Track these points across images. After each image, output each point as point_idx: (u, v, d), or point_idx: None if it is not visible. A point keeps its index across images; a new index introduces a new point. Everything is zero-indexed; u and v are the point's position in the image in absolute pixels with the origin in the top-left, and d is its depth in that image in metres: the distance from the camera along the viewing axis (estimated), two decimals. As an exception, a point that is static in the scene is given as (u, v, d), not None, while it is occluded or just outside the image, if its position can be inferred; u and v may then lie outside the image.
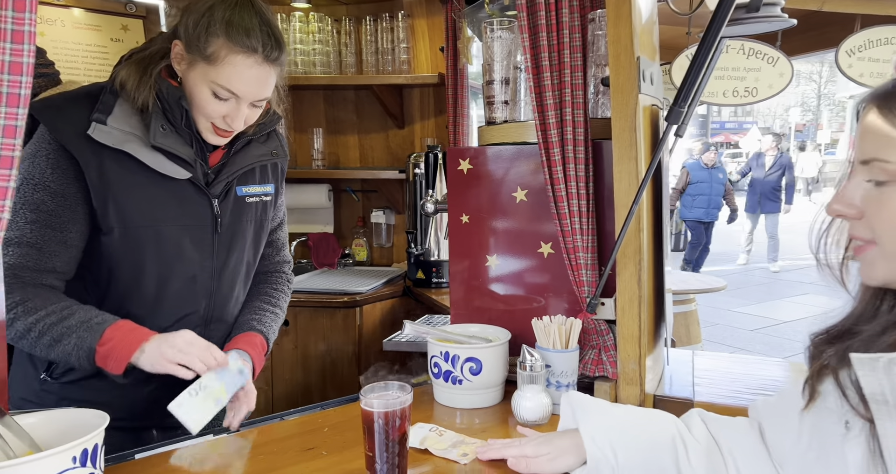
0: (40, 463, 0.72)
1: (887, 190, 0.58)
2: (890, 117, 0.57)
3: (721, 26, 1.02)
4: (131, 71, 1.08)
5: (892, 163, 0.57)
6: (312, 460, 0.99)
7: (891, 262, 0.59)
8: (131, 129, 1.07)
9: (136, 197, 1.08)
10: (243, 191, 1.23)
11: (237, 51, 1.03)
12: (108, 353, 1.01)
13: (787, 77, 1.65)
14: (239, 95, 1.07)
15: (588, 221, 1.19)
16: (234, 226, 1.22)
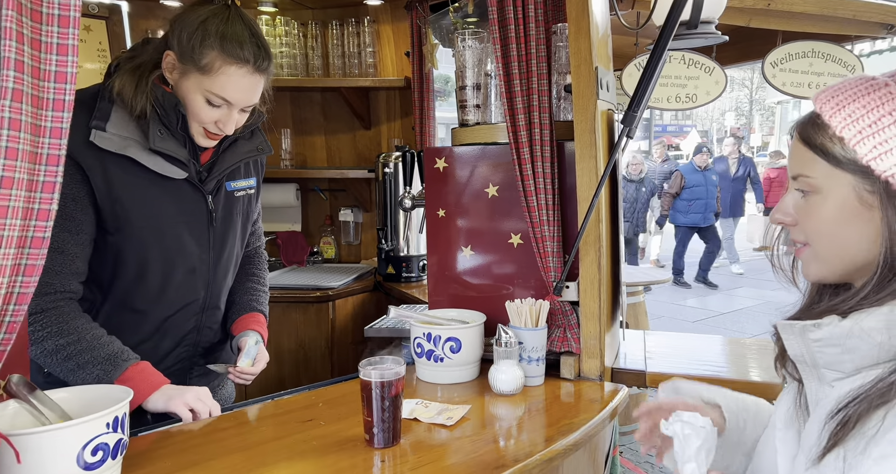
0: (81, 427, 0.80)
1: (812, 200, 0.68)
2: (807, 141, 0.68)
3: (668, 41, 1.18)
4: (126, 80, 1.14)
5: (813, 178, 0.67)
6: (312, 429, 1.09)
7: (822, 261, 0.69)
8: (129, 134, 1.14)
9: (139, 197, 1.15)
10: (232, 186, 1.31)
11: (231, 62, 1.11)
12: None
13: (721, 84, 1.86)
14: (231, 102, 1.15)
15: (554, 213, 1.33)
16: (226, 219, 1.30)
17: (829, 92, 0.67)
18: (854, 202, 0.65)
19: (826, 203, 0.66)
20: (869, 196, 0.64)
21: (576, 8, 1.25)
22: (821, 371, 0.69)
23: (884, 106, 0.62)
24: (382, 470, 0.95)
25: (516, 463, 0.96)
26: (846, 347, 0.64)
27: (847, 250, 0.66)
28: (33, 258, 0.75)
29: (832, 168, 0.65)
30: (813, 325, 0.66)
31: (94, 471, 0.82)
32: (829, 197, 0.66)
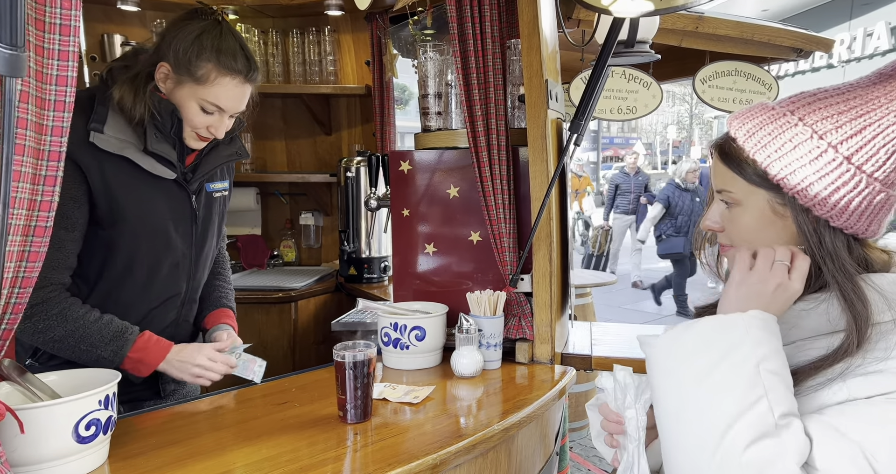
0: (77, 403, 0.86)
1: (734, 210, 0.78)
2: (726, 161, 0.78)
3: (608, 58, 1.33)
4: (125, 90, 1.21)
5: (735, 193, 0.77)
6: (287, 411, 1.16)
7: None
8: (126, 137, 1.21)
9: (134, 195, 1.23)
10: (211, 188, 1.40)
11: (225, 73, 1.21)
12: (141, 359, 1.20)
13: (658, 98, 2.04)
14: (224, 109, 1.24)
15: (510, 212, 1.46)
16: (207, 218, 1.38)
17: (741, 119, 0.77)
18: (769, 212, 0.76)
19: (746, 213, 0.77)
20: (780, 207, 0.75)
21: (527, 26, 1.39)
22: None
23: (785, 134, 0.72)
24: (355, 441, 1.04)
25: (477, 432, 1.07)
26: (788, 324, 0.75)
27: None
28: (36, 245, 0.81)
29: (749, 185, 0.76)
30: None
31: (88, 444, 0.88)
32: (748, 208, 0.77)
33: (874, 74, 0.74)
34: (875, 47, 10.76)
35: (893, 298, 0.71)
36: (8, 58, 0.66)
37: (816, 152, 0.70)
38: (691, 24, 1.79)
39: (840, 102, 0.72)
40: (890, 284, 0.73)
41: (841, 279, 0.72)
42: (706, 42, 1.89)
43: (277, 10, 2.73)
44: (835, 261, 0.72)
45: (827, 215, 0.72)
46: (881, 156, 0.69)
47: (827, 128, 0.71)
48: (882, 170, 0.70)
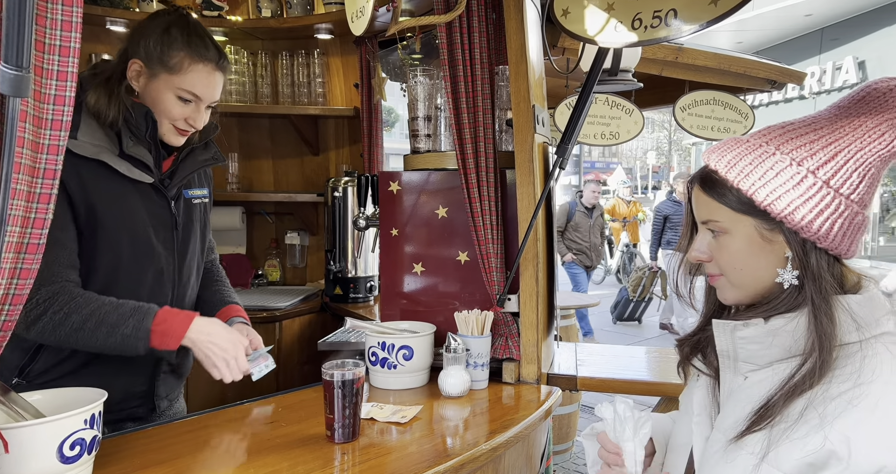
0: (62, 422, 0.85)
1: (722, 239, 0.81)
2: (709, 193, 0.81)
3: (593, 85, 1.38)
4: (99, 94, 1.22)
5: (722, 222, 0.80)
6: (276, 429, 1.16)
7: (738, 288, 0.83)
8: (99, 142, 1.21)
9: (112, 200, 1.22)
10: (189, 194, 1.40)
11: (198, 60, 1.24)
12: (166, 331, 1.17)
13: (640, 125, 2.11)
14: (200, 97, 1.26)
15: (497, 233, 1.49)
16: (187, 224, 1.38)
17: (718, 152, 0.81)
18: (757, 238, 0.79)
19: (735, 241, 0.80)
20: (768, 233, 0.78)
21: (515, 53, 1.44)
22: (738, 363, 0.84)
23: (765, 163, 0.77)
24: (343, 462, 1.04)
25: (464, 452, 1.08)
26: (763, 344, 0.79)
27: (757, 275, 0.81)
28: (28, 262, 0.81)
29: (735, 213, 0.80)
30: (742, 325, 0.81)
31: (72, 464, 0.87)
32: (736, 236, 0.80)
33: (833, 107, 0.80)
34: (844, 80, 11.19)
35: (861, 319, 0.75)
36: (13, 78, 0.67)
37: (798, 178, 0.75)
38: (671, 55, 1.86)
39: (810, 132, 0.77)
40: (858, 305, 0.76)
41: (818, 300, 0.75)
42: (685, 72, 1.96)
43: (267, 32, 2.77)
44: (817, 281, 0.76)
45: (814, 237, 0.76)
46: (855, 179, 0.75)
47: (803, 155, 0.76)
48: (857, 193, 0.75)
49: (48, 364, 1.22)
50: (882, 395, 0.72)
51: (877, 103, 0.75)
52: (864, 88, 0.77)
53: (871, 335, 0.76)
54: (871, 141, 0.74)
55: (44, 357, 1.21)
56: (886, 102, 0.74)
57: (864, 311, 0.76)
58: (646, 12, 1.05)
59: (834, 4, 10.39)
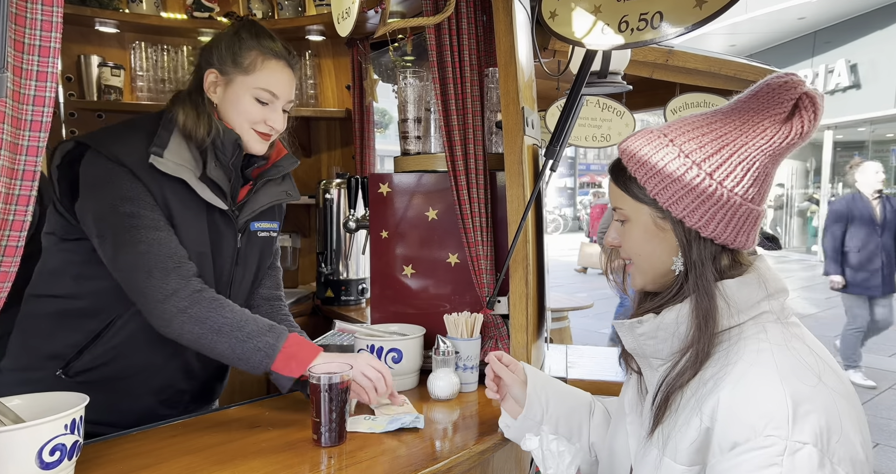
0: (42, 427, 0.84)
1: (627, 226, 0.86)
2: (616, 182, 0.87)
3: (581, 87, 1.38)
4: (187, 111, 1.23)
5: (624, 210, 0.86)
6: (260, 434, 1.15)
7: (641, 273, 0.87)
8: (183, 162, 1.21)
9: (187, 221, 1.21)
10: (256, 226, 1.37)
11: (270, 57, 1.24)
12: (294, 355, 1.16)
13: (631, 127, 2.11)
14: (277, 95, 1.26)
15: (487, 235, 1.48)
16: (247, 257, 1.36)
17: (628, 142, 0.85)
18: (652, 226, 0.83)
19: (635, 228, 0.85)
20: (661, 221, 0.83)
21: (504, 55, 1.43)
22: (649, 359, 0.87)
23: (658, 153, 0.80)
24: (329, 465, 1.03)
25: (452, 455, 1.07)
26: (658, 338, 0.82)
27: (654, 262, 0.85)
28: (6, 265, 0.80)
29: (634, 202, 0.84)
30: (637, 322, 0.84)
31: (52, 470, 0.85)
32: (635, 223, 0.85)
33: (733, 101, 0.81)
34: (836, 83, 11.26)
35: (737, 303, 0.78)
36: (-12, 77, 0.66)
37: (683, 169, 0.78)
38: (662, 58, 1.86)
39: (704, 125, 0.80)
40: (732, 289, 0.79)
41: (699, 288, 0.78)
42: (676, 74, 1.97)
43: (259, 34, 2.76)
44: (697, 269, 0.79)
45: (696, 226, 0.79)
46: (738, 173, 0.77)
47: (692, 148, 0.79)
48: (741, 186, 0.78)
49: (91, 363, 1.21)
50: (742, 373, 0.74)
51: (767, 98, 0.75)
52: (761, 84, 0.77)
53: (749, 317, 0.79)
54: (755, 135, 0.76)
55: (87, 356, 1.21)
56: (775, 98, 0.75)
57: (741, 295, 0.79)
58: (632, 15, 1.05)
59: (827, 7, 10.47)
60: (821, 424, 0.70)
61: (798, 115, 0.75)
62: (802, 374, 0.73)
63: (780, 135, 0.75)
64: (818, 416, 0.70)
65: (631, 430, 0.91)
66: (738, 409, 0.72)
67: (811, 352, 0.77)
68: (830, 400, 0.72)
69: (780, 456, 0.68)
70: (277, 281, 1.51)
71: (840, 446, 0.69)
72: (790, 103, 0.75)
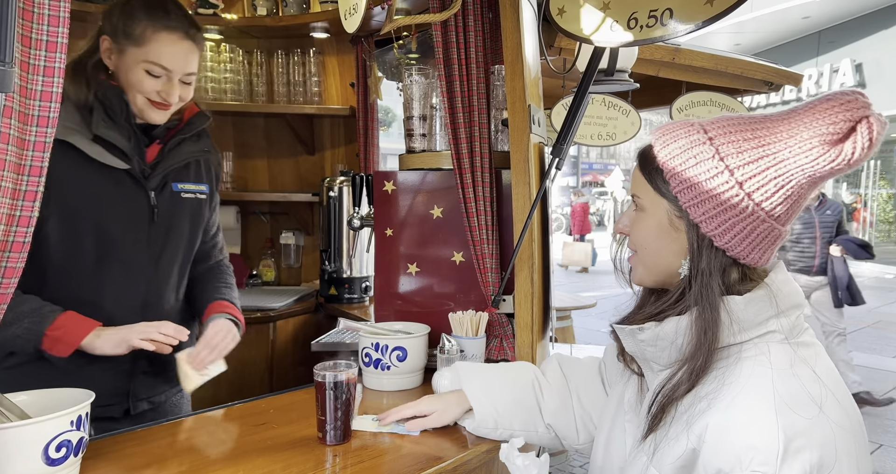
0: (48, 423, 0.83)
1: (640, 216, 0.83)
2: (641, 167, 0.83)
3: (588, 85, 1.37)
4: (68, 75, 1.16)
5: (642, 199, 0.82)
6: (265, 432, 1.14)
7: (644, 267, 0.84)
8: (71, 124, 1.18)
9: (77, 185, 1.18)
10: (178, 187, 1.35)
11: (160, 29, 1.21)
12: (59, 338, 1.13)
13: (637, 125, 2.10)
14: (169, 69, 1.23)
15: (492, 233, 1.48)
16: (170, 218, 1.33)
17: (662, 129, 0.80)
18: (666, 223, 0.80)
19: (647, 220, 0.82)
20: (677, 220, 0.79)
21: (511, 53, 1.43)
22: (650, 363, 0.85)
23: (692, 149, 0.75)
24: (334, 463, 1.02)
25: (456, 454, 1.06)
26: (658, 347, 0.80)
27: (659, 260, 0.82)
28: (13, 261, 0.80)
29: (655, 194, 0.80)
30: (638, 329, 0.82)
31: (58, 467, 0.85)
32: (650, 215, 0.82)
33: (788, 110, 0.74)
34: (841, 83, 11.22)
35: (742, 322, 0.74)
36: (-4, 72, 0.65)
37: (714, 172, 0.74)
38: (668, 56, 1.85)
39: (749, 130, 0.74)
40: (739, 305, 0.75)
41: (702, 300, 0.75)
42: (682, 73, 1.96)
43: (263, 30, 2.76)
44: (703, 278, 0.75)
45: (712, 234, 0.75)
46: (771, 187, 0.72)
47: (730, 151, 0.73)
48: (769, 202, 0.73)
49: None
50: (735, 396, 0.71)
51: (823, 114, 0.67)
52: (822, 97, 0.69)
53: (753, 336, 0.75)
54: (799, 152, 0.69)
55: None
56: (832, 116, 0.67)
57: (747, 313, 0.74)
58: (641, 12, 1.04)
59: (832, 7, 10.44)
60: (812, 461, 0.66)
61: (852, 140, 0.66)
62: (801, 405, 0.69)
63: (826, 158, 0.68)
64: (811, 453, 0.67)
65: (629, 428, 0.89)
66: (727, 436, 0.69)
67: (816, 378, 0.72)
68: (829, 434, 0.68)
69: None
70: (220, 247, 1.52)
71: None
72: (847, 125, 0.66)
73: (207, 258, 1.50)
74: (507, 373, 1.15)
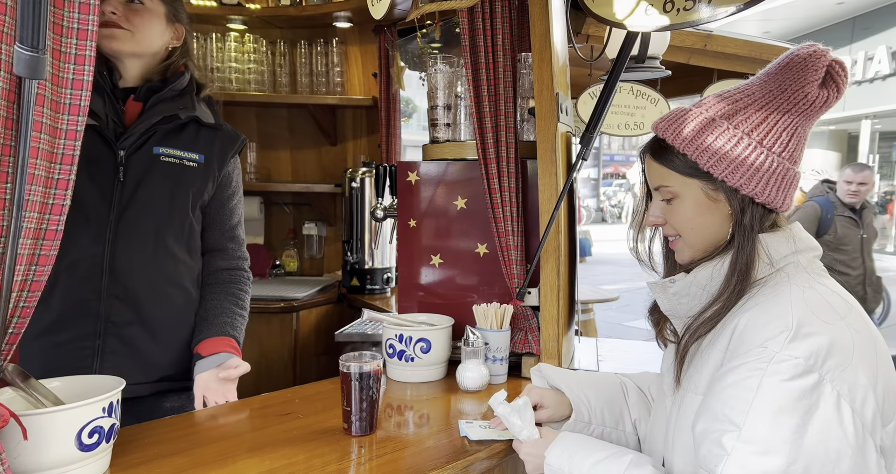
0: (80, 410, 0.84)
1: (674, 203, 0.90)
2: (660, 160, 0.89)
3: (620, 72, 1.34)
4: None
5: (672, 187, 0.89)
6: (291, 421, 1.15)
7: (692, 247, 0.91)
8: None
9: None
10: (160, 151, 1.30)
11: None
12: None
13: (665, 115, 2.05)
14: None
15: (518, 225, 1.45)
16: (141, 177, 1.27)
17: (665, 122, 0.89)
18: (704, 199, 0.87)
19: (685, 203, 0.89)
20: (713, 192, 0.86)
21: (539, 40, 1.40)
22: (684, 319, 0.90)
23: (706, 129, 0.85)
24: (360, 455, 1.02)
25: (483, 447, 1.05)
26: (690, 295, 0.88)
27: (708, 233, 0.89)
28: (46, 249, 0.81)
29: (683, 177, 0.88)
30: (669, 282, 0.90)
31: (90, 452, 0.86)
32: (685, 198, 0.88)
33: (762, 75, 0.87)
34: (876, 71, 10.85)
35: (773, 254, 0.85)
36: (28, 60, 0.65)
37: (734, 140, 0.83)
38: (700, 42, 1.80)
39: (744, 98, 0.86)
40: (770, 241, 0.85)
41: (745, 244, 0.84)
42: (714, 60, 1.90)
43: (286, 20, 2.75)
44: (745, 232, 0.84)
45: (752, 193, 0.83)
46: (784, 138, 0.84)
47: (738, 119, 0.84)
48: (787, 150, 0.84)
49: None
50: (759, 303, 0.80)
51: (801, 67, 0.82)
52: (787, 56, 0.84)
53: (777, 268, 0.85)
54: (796, 101, 0.83)
55: None
56: (809, 66, 0.82)
57: (775, 247, 0.84)
58: (678, -6, 1.00)
59: (866, -8, 10.07)
60: (820, 346, 0.74)
61: (833, 79, 0.83)
62: (820, 310, 0.78)
63: (821, 98, 0.83)
64: (820, 339, 0.74)
65: (666, 389, 0.94)
66: (749, 329, 0.79)
67: (838, 295, 0.82)
68: (847, 335, 0.76)
69: (764, 363, 0.74)
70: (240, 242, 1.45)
71: (839, 369, 0.73)
72: (823, 70, 0.82)
73: (223, 250, 1.43)
74: (594, 375, 1.17)
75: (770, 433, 0.72)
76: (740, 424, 0.73)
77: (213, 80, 2.73)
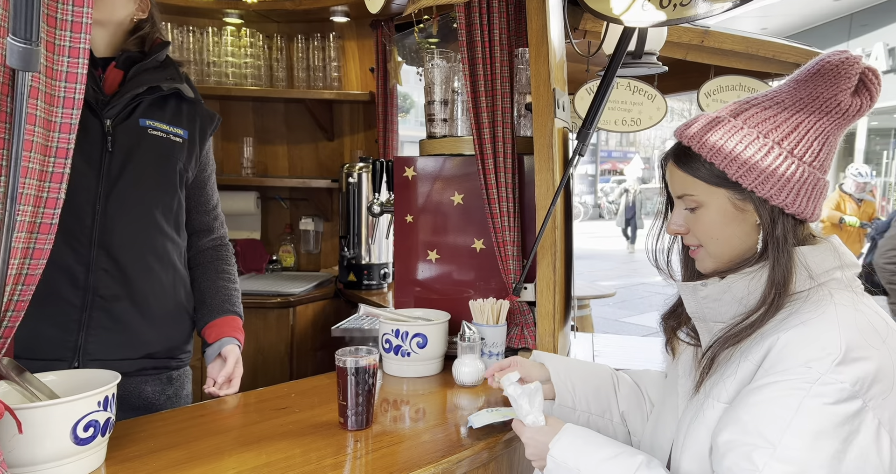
0: (76, 403, 0.84)
1: (699, 212, 0.87)
2: (684, 168, 0.87)
3: (616, 68, 1.34)
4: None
5: (697, 195, 0.86)
6: (287, 416, 1.15)
7: (715, 257, 0.88)
8: None
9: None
10: (146, 123, 1.29)
11: None
12: None
13: (662, 111, 2.05)
14: None
15: (514, 220, 1.46)
16: (129, 149, 1.25)
17: (690, 129, 0.86)
18: (731, 208, 0.85)
19: (710, 212, 0.86)
20: (740, 202, 0.84)
21: (536, 35, 1.39)
22: (709, 324, 0.89)
23: (734, 137, 0.82)
24: (356, 449, 1.02)
25: (479, 442, 1.06)
26: (722, 301, 0.85)
27: (734, 243, 0.86)
28: (41, 242, 0.80)
29: (709, 186, 0.85)
30: (701, 284, 0.87)
31: (86, 446, 0.86)
32: (711, 207, 0.86)
33: (791, 82, 0.85)
34: (873, 67, 10.82)
35: (812, 268, 0.82)
36: (21, 52, 0.65)
37: (765, 150, 0.81)
38: (697, 38, 1.80)
39: (773, 106, 0.83)
40: (810, 254, 0.82)
41: (782, 256, 0.82)
42: (711, 56, 1.90)
43: (283, 15, 2.74)
44: (779, 245, 0.82)
45: (782, 203, 0.81)
46: (815, 147, 0.82)
47: (768, 128, 0.82)
48: (818, 160, 0.82)
49: None
50: (804, 321, 0.77)
51: (833, 74, 0.80)
52: (818, 62, 0.81)
53: (819, 283, 0.82)
54: (829, 110, 0.81)
55: None
56: (841, 73, 0.79)
57: (815, 261, 0.82)
58: (675, -10, 1.00)
59: (864, -11, 10.08)
60: (867, 372, 0.72)
61: (865, 87, 0.81)
62: (868, 333, 0.75)
63: (854, 106, 0.81)
64: (868, 365, 0.72)
65: (682, 392, 0.93)
66: (791, 347, 0.76)
67: (879, 316, 0.80)
68: (889, 362, 0.74)
69: (808, 384, 0.72)
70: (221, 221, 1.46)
71: (881, 397, 0.72)
72: (856, 78, 0.79)
73: (210, 230, 1.45)
74: (586, 364, 1.17)
75: (808, 455, 0.70)
76: (775, 442, 0.72)
77: (209, 74, 2.72)
